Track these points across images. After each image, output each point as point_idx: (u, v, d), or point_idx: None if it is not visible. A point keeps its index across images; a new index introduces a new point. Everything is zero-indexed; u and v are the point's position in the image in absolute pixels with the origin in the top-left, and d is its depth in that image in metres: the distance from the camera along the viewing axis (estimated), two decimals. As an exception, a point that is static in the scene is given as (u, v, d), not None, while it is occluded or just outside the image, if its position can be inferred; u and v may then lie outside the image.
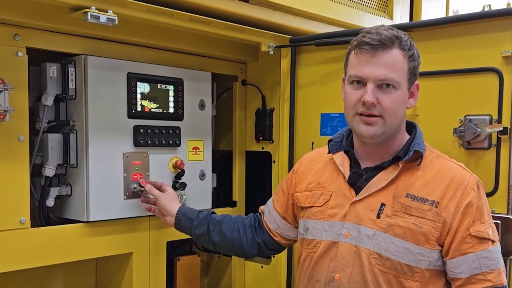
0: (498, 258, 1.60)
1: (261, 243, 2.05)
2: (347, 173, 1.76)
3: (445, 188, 1.63)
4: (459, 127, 2.04)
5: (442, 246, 1.63)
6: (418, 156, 1.68)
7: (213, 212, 2.17)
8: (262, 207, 2.12)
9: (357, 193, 1.72)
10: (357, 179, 1.73)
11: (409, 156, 1.66)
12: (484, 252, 1.58)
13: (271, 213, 2.04)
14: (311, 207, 1.83)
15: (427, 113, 2.13)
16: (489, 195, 1.91)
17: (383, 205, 1.66)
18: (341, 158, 1.80)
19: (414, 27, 2.21)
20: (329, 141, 1.86)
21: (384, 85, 1.61)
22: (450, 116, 2.07)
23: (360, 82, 1.63)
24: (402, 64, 1.63)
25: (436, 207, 1.61)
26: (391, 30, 1.64)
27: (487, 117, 1.99)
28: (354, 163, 1.78)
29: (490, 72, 1.99)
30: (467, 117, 2.02)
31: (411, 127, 1.77)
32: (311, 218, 1.82)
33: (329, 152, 1.85)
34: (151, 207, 2.25)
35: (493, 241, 1.60)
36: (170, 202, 2.19)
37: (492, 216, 1.68)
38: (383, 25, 1.70)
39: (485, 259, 1.58)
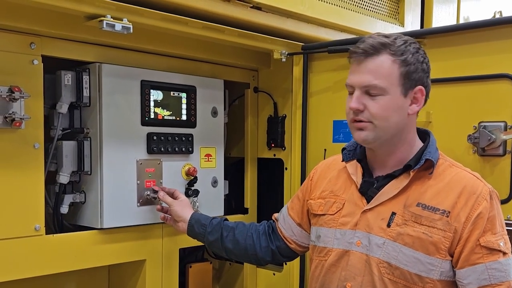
0: (509, 270, 1.57)
1: (275, 250, 2.05)
2: (359, 181, 1.76)
3: (457, 197, 1.60)
4: (473, 133, 2.03)
5: (453, 256, 1.60)
6: (430, 165, 1.66)
7: (226, 219, 2.18)
8: (276, 215, 2.12)
9: (368, 202, 1.71)
10: (368, 188, 1.73)
11: (420, 165, 1.64)
12: (493, 263, 1.55)
13: (286, 220, 2.04)
14: (323, 214, 1.83)
15: (441, 119, 2.12)
16: (504, 202, 1.89)
17: (393, 214, 1.65)
18: (354, 167, 1.80)
19: (427, 34, 2.22)
20: (343, 149, 1.85)
21: (370, 91, 1.63)
22: (464, 122, 2.06)
23: (353, 90, 1.67)
24: (390, 70, 1.62)
25: (447, 216, 1.59)
26: (383, 37, 1.65)
27: (502, 124, 1.98)
28: (366, 172, 1.77)
29: (504, 79, 1.98)
30: (482, 124, 2.01)
31: (425, 135, 1.75)
32: (323, 226, 1.81)
33: (343, 160, 1.85)
34: (165, 217, 2.26)
35: (504, 253, 1.57)
36: (183, 208, 2.20)
37: (507, 223, 1.66)
38: (378, 33, 1.71)
39: (495, 271, 1.55)
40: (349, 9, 2.77)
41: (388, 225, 1.64)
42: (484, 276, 1.55)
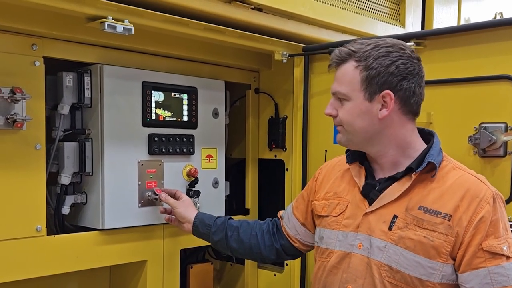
0: None
1: (280, 249, 2.06)
2: (361, 184, 1.76)
3: (459, 201, 1.59)
4: (474, 135, 2.03)
5: (455, 260, 1.60)
6: (432, 168, 1.65)
7: (230, 218, 2.18)
8: (281, 212, 2.13)
9: (370, 204, 1.71)
10: (370, 190, 1.73)
11: (422, 168, 1.63)
12: (496, 267, 1.54)
13: (290, 220, 2.04)
14: (327, 216, 1.83)
15: (441, 121, 2.12)
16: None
17: (395, 217, 1.65)
18: (356, 169, 1.80)
19: (428, 35, 2.22)
20: (347, 151, 1.85)
21: (339, 97, 1.71)
22: (465, 124, 2.06)
23: None
24: (352, 76, 1.66)
25: (449, 220, 1.58)
26: (358, 44, 1.67)
27: (503, 125, 1.98)
28: (369, 174, 1.77)
29: (504, 80, 1.98)
30: (482, 125, 2.01)
31: (429, 136, 1.75)
32: (326, 228, 1.82)
33: (347, 162, 1.85)
34: (170, 218, 2.26)
35: (508, 257, 1.55)
36: (187, 209, 2.20)
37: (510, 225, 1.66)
38: (354, 40, 1.73)
39: (497, 275, 1.54)
40: (350, 11, 2.78)
41: (390, 228, 1.64)
42: (487, 281, 1.54)
